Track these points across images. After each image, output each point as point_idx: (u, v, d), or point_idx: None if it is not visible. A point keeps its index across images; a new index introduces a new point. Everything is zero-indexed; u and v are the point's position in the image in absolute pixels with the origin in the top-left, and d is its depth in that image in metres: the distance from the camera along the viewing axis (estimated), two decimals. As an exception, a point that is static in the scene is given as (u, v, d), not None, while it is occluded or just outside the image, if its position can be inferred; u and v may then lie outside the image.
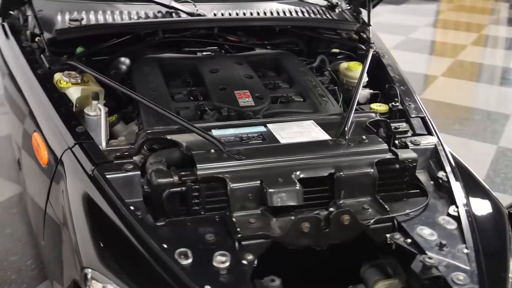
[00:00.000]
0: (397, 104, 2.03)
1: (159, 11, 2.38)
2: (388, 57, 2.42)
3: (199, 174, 1.48)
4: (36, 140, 1.84)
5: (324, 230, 1.42)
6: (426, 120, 1.94)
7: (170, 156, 1.60)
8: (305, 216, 1.43)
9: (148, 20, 2.31)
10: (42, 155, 1.78)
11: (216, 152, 1.54)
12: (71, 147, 1.64)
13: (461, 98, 4.81)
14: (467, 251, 1.40)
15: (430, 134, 1.87)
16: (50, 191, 1.71)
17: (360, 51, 2.45)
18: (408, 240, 1.44)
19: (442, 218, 1.52)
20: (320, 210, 1.48)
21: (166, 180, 1.47)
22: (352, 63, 2.34)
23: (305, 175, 1.52)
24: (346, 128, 1.70)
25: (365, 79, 2.27)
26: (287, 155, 1.57)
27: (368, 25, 2.52)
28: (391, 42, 6.36)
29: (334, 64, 2.42)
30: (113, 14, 2.34)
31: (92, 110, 1.82)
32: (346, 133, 1.69)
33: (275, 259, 1.53)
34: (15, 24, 2.41)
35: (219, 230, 1.42)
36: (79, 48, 2.16)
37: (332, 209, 1.48)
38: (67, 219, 1.50)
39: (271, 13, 2.51)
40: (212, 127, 1.71)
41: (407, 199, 1.62)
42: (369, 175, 1.56)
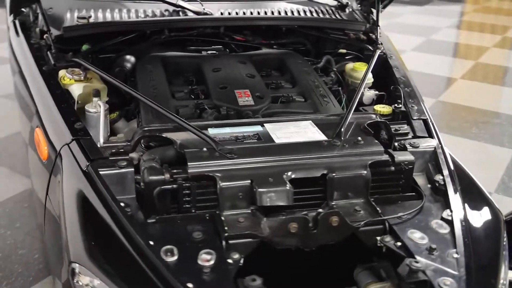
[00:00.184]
0: (400, 106, 2.00)
1: (166, 10, 2.39)
2: (395, 58, 2.39)
3: (190, 172, 1.48)
4: (37, 135, 1.87)
5: (312, 231, 1.41)
6: (428, 123, 1.91)
7: (164, 154, 1.61)
8: (292, 216, 1.42)
9: (154, 18, 2.32)
10: (43, 150, 1.81)
11: (208, 150, 1.55)
12: (68, 143, 1.66)
13: (480, 101, 4.73)
14: (457, 256, 1.37)
15: (430, 137, 1.84)
16: (49, 186, 1.74)
17: (367, 52, 2.43)
18: (398, 243, 1.42)
19: (435, 222, 1.50)
20: (309, 211, 1.47)
21: (157, 177, 1.48)
22: (358, 64, 2.32)
23: (297, 176, 1.52)
24: (343, 129, 1.69)
25: (370, 80, 2.26)
26: (280, 155, 1.56)
27: (376, 25, 2.49)
28: (411, 43, 6.30)
29: (341, 64, 2.41)
30: (121, 12, 2.36)
31: (92, 107, 1.85)
32: (342, 134, 1.67)
33: (268, 260, 1.54)
34: (26, 21, 2.45)
35: (208, 228, 1.42)
36: (84, 46, 2.19)
37: (320, 210, 1.46)
38: (61, 213, 1.52)
39: (279, 12, 2.51)
40: (208, 126, 1.71)
41: (402, 202, 1.59)
42: (362, 176, 1.54)
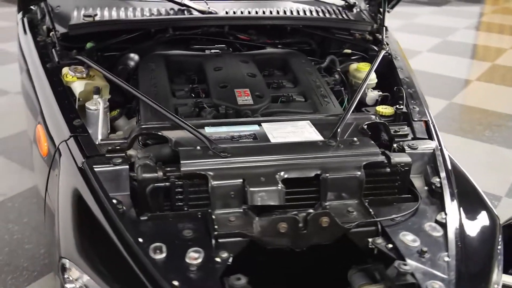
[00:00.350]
0: (401, 107, 1.98)
1: (172, 9, 2.40)
2: (400, 58, 2.37)
3: (182, 170, 1.49)
4: (39, 131, 1.90)
5: (302, 231, 1.41)
6: (428, 124, 1.89)
7: (160, 152, 1.62)
8: (282, 216, 1.41)
9: (158, 17, 2.33)
10: (43, 146, 1.84)
11: (202, 149, 1.55)
12: (66, 139, 1.68)
13: (495, 104, 4.65)
14: (448, 259, 1.35)
15: (430, 139, 1.82)
16: (48, 181, 1.76)
17: (372, 52, 2.41)
18: (389, 246, 1.41)
19: (429, 224, 1.48)
20: (300, 211, 1.46)
21: (150, 175, 1.49)
22: (362, 64, 2.31)
23: (289, 176, 1.51)
24: (339, 130, 1.68)
25: (374, 81, 2.25)
26: (274, 155, 1.56)
27: (382, 26, 2.47)
28: (427, 44, 6.24)
29: (345, 65, 2.39)
30: (126, 11, 2.38)
31: (92, 104, 1.87)
32: (338, 134, 1.66)
33: (263, 260, 1.54)
34: (34, 19, 2.48)
35: (199, 226, 1.42)
36: (89, 44, 2.21)
37: (311, 210, 1.46)
38: (55, 209, 1.54)
39: (284, 12, 2.50)
40: (205, 124, 1.72)
41: (397, 203, 1.58)
42: (355, 177, 1.53)
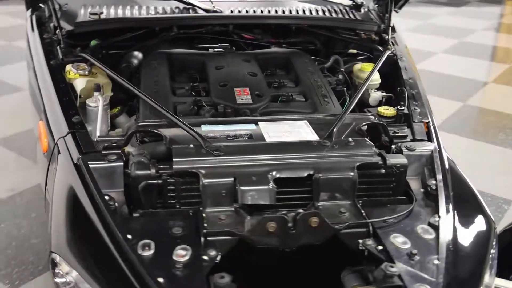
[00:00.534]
0: (402, 108, 1.96)
1: (177, 7, 2.42)
2: (406, 59, 2.34)
3: (174, 168, 1.49)
4: (40, 127, 1.92)
5: (291, 231, 1.40)
6: (429, 126, 1.87)
7: (155, 149, 1.62)
8: (271, 215, 1.41)
9: (163, 15, 2.35)
10: (43, 142, 1.86)
11: (195, 147, 1.55)
12: (64, 135, 1.70)
13: (510, 107, 4.58)
14: (437, 262, 1.34)
15: (429, 140, 1.80)
16: (47, 177, 1.78)
17: (377, 53, 2.39)
18: (379, 247, 1.40)
19: (421, 227, 1.46)
20: (289, 211, 1.45)
21: (143, 172, 1.50)
22: (365, 65, 2.29)
23: (282, 175, 1.51)
24: (335, 130, 1.67)
25: (378, 81, 2.23)
26: (267, 154, 1.56)
27: (388, 26, 2.45)
28: (443, 45, 6.18)
29: (349, 65, 2.38)
30: (132, 9, 2.40)
31: (93, 101, 1.89)
32: (334, 134, 1.65)
33: (258, 260, 1.54)
34: (42, 17, 2.51)
35: (190, 224, 1.43)
36: (93, 41, 2.23)
37: (301, 210, 1.45)
38: (50, 204, 1.56)
39: (290, 11, 2.50)
40: (202, 123, 1.72)
41: (391, 205, 1.57)
42: (348, 178, 1.52)
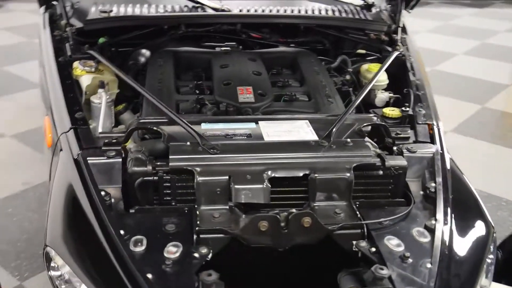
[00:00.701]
0: (407, 109, 1.94)
1: (186, 6, 2.43)
2: (415, 60, 2.32)
3: (170, 165, 1.50)
4: (46, 123, 1.95)
5: (283, 230, 1.40)
6: (433, 128, 1.85)
7: (154, 146, 1.64)
8: (263, 214, 1.41)
9: (171, 13, 2.36)
10: (48, 137, 1.89)
11: (192, 145, 1.56)
12: (66, 131, 1.72)
13: (531, 110, 4.51)
14: (429, 266, 1.32)
15: (432, 143, 1.78)
16: (51, 172, 1.81)
17: (385, 53, 2.37)
18: (373, 249, 1.39)
19: (417, 230, 1.45)
20: (282, 210, 1.45)
21: (140, 168, 1.52)
22: (373, 65, 2.27)
23: (277, 174, 1.51)
24: (334, 130, 1.66)
25: (385, 82, 2.22)
26: (263, 153, 1.56)
27: (397, 26, 2.43)
28: (464, 46, 6.09)
29: (357, 65, 2.36)
30: (142, 7, 2.42)
31: (97, 98, 1.91)
32: (333, 135, 1.64)
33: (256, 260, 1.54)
34: (54, 14, 2.55)
35: (183, 221, 1.44)
36: (101, 39, 2.26)
37: (294, 210, 1.45)
38: (49, 198, 1.58)
39: (299, 11, 2.49)
40: (202, 121, 1.73)
41: (389, 207, 1.55)
42: (344, 179, 1.51)
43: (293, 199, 1.56)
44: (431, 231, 1.44)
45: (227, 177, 1.48)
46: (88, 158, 1.57)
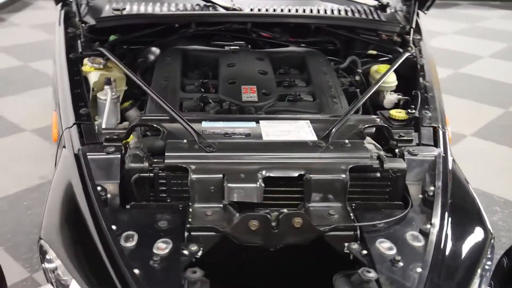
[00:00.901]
0: (413, 111, 1.91)
1: (197, 4, 2.45)
2: (426, 62, 2.28)
3: (166, 162, 1.51)
4: (53, 118, 1.99)
5: (274, 230, 1.39)
6: (437, 131, 1.82)
7: (153, 143, 1.65)
8: (254, 213, 1.40)
9: (182, 12, 2.38)
10: (54, 132, 1.93)
11: (188, 142, 1.57)
12: (70, 126, 1.75)
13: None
14: (420, 270, 1.30)
15: (435, 146, 1.75)
16: (55, 166, 1.84)
17: (396, 54, 2.34)
18: (364, 252, 1.37)
19: (411, 233, 1.42)
20: (273, 210, 1.44)
21: (137, 165, 1.53)
22: (382, 66, 2.25)
23: (272, 174, 1.50)
24: (334, 130, 1.64)
25: (394, 83, 2.19)
26: (259, 152, 1.55)
27: (410, 27, 2.40)
28: (491, 49, 5.97)
29: (367, 66, 2.34)
30: (154, 6, 2.45)
31: (103, 94, 1.93)
32: (331, 135, 1.63)
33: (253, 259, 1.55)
34: (70, 12, 2.59)
35: (177, 218, 1.44)
36: (112, 36, 2.29)
37: (285, 210, 1.44)
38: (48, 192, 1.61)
39: (311, 10, 2.48)
40: (203, 119, 1.73)
41: (385, 209, 1.53)
42: (339, 180, 1.50)
43: (288, 199, 1.55)
44: (426, 235, 1.41)
45: (221, 175, 1.48)
46: (87, 154, 1.59)
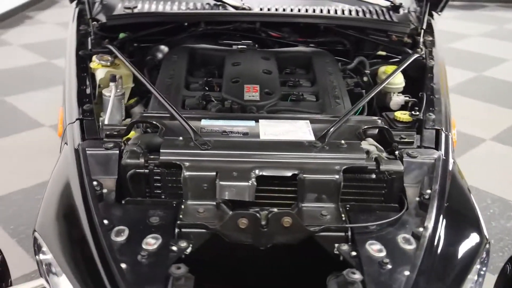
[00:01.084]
0: (417, 113, 1.89)
1: (207, 3, 2.46)
2: (436, 64, 2.25)
3: (160, 159, 1.53)
4: (59, 114, 2.02)
5: (263, 229, 1.39)
6: (439, 133, 1.79)
7: (152, 140, 1.67)
8: (243, 212, 1.41)
9: (191, 11, 2.40)
10: (59, 128, 1.96)
11: (184, 139, 1.58)
12: (72, 122, 1.78)
13: None
14: (408, 273, 1.28)
15: (436, 149, 1.72)
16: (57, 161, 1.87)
17: (405, 55, 2.31)
18: (353, 253, 1.36)
19: (403, 236, 1.40)
20: (263, 209, 1.44)
21: (133, 161, 1.55)
22: (390, 67, 2.23)
23: (265, 173, 1.50)
24: (331, 130, 1.63)
25: (401, 85, 2.17)
26: (254, 151, 1.55)
27: (421, 28, 2.37)
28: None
29: (375, 67, 2.32)
30: (165, 4, 2.47)
31: (108, 91, 1.96)
32: (328, 136, 1.62)
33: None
34: (83, 9, 2.64)
35: (169, 215, 1.45)
36: (121, 34, 2.32)
37: (275, 209, 1.44)
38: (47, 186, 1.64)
39: (321, 10, 2.47)
40: (203, 117, 1.74)
41: (380, 211, 1.51)
42: (332, 180, 1.49)
43: (283, 198, 1.55)
44: (418, 238, 1.40)
45: (214, 173, 1.48)
46: (87, 149, 1.62)
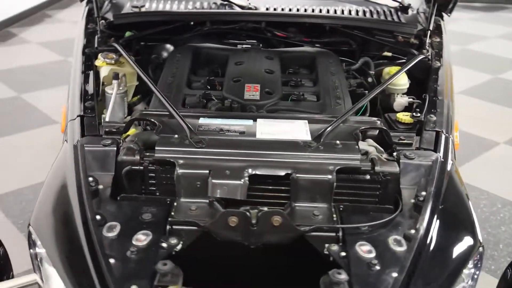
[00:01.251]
0: (418, 115, 1.87)
1: (214, 3, 2.47)
2: (442, 65, 2.22)
3: (155, 156, 1.54)
4: (63, 110, 2.05)
5: (253, 227, 1.40)
6: (439, 135, 1.77)
7: (149, 138, 1.68)
8: (233, 210, 1.41)
9: (197, 10, 2.41)
10: (62, 124, 1.99)
11: (179, 137, 1.59)
12: (73, 118, 1.81)
13: None
14: (395, 275, 1.27)
15: (435, 151, 1.71)
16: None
17: (410, 56, 2.29)
18: (343, 254, 1.35)
19: (394, 238, 1.39)
20: (253, 208, 1.44)
21: (129, 158, 1.56)
22: (394, 68, 2.21)
23: (258, 172, 1.50)
24: (329, 129, 1.63)
25: (405, 86, 2.15)
26: (249, 150, 1.56)
27: (427, 29, 2.34)
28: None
29: (379, 68, 2.31)
30: (173, 3, 2.49)
31: (111, 88, 1.98)
32: (324, 136, 1.62)
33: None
34: (92, 8, 2.67)
35: (161, 212, 1.46)
36: (128, 32, 2.35)
37: (265, 208, 1.44)
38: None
39: (327, 11, 2.46)
40: (201, 115, 1.75)
41: (374, 212, 1.50)
42: (325, 181, 1.48)
43: (276, 198, 1.55)
44: (409, 240, 1.38)
45: (207, 171, 1.49)
46: (85, 145, 1.64)
